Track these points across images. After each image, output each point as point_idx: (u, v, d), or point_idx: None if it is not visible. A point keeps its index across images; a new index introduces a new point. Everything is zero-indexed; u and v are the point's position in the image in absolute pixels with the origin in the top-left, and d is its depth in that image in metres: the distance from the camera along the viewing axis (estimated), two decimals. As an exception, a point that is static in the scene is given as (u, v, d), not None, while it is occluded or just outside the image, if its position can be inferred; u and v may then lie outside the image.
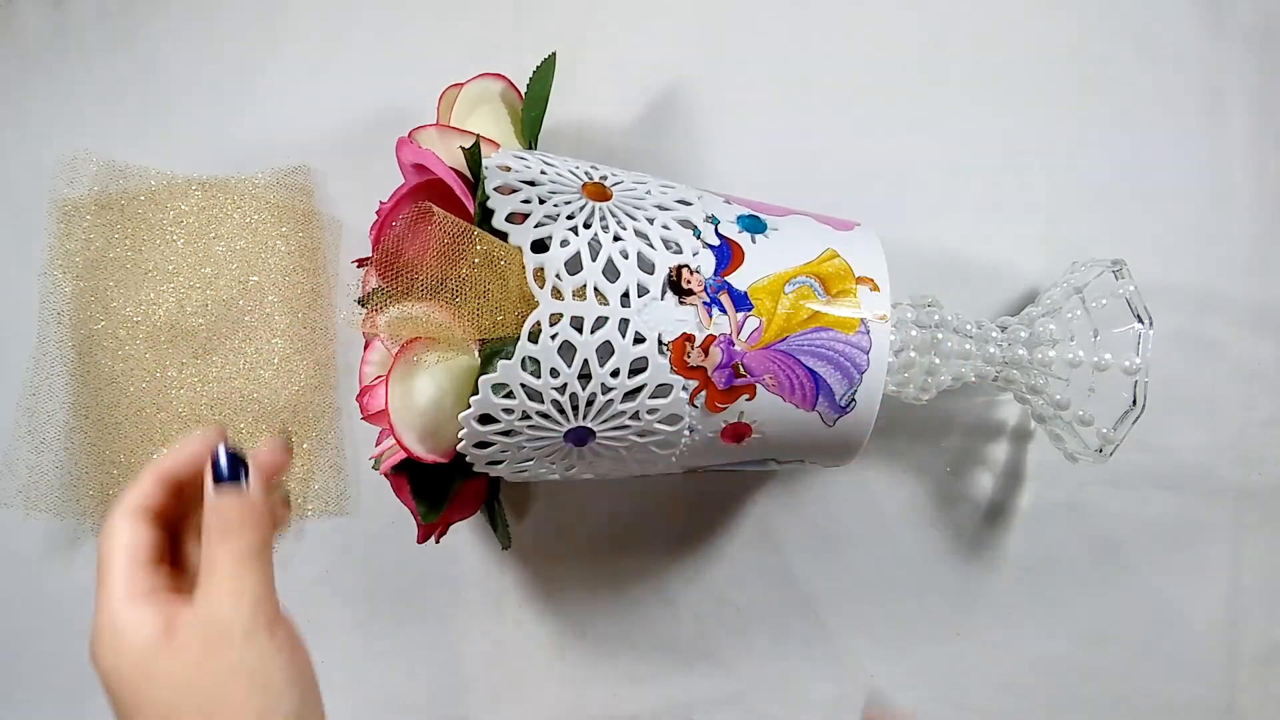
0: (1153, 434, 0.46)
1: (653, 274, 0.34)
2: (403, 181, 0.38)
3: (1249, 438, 0.48)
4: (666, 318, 0.34)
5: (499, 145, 0.39)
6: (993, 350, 0.43)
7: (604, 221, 0.35)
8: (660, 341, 0.34)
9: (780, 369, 0.36)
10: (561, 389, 0.34)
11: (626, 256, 0.34)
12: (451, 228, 0.33)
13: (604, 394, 0.34)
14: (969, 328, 0.43)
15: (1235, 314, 0.48)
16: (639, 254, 0.34)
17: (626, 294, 0.34)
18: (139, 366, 0.50)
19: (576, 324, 0.33)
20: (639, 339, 0.34)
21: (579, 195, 0.36)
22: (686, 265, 0.35)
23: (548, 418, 0.34)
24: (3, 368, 0.50)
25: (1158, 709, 0.49)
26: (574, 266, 0.33)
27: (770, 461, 0.40)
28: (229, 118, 0.50)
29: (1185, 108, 0.48)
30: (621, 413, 0.35)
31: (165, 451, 0.30)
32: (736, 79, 0.49)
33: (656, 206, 0.36)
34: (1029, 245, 0.48)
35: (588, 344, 0.33)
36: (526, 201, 0.35)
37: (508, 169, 0.36)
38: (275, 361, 0.50)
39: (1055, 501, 0.48)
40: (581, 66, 0.49)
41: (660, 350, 0.34)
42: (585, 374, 0.34)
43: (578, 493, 0.50)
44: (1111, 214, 0.48)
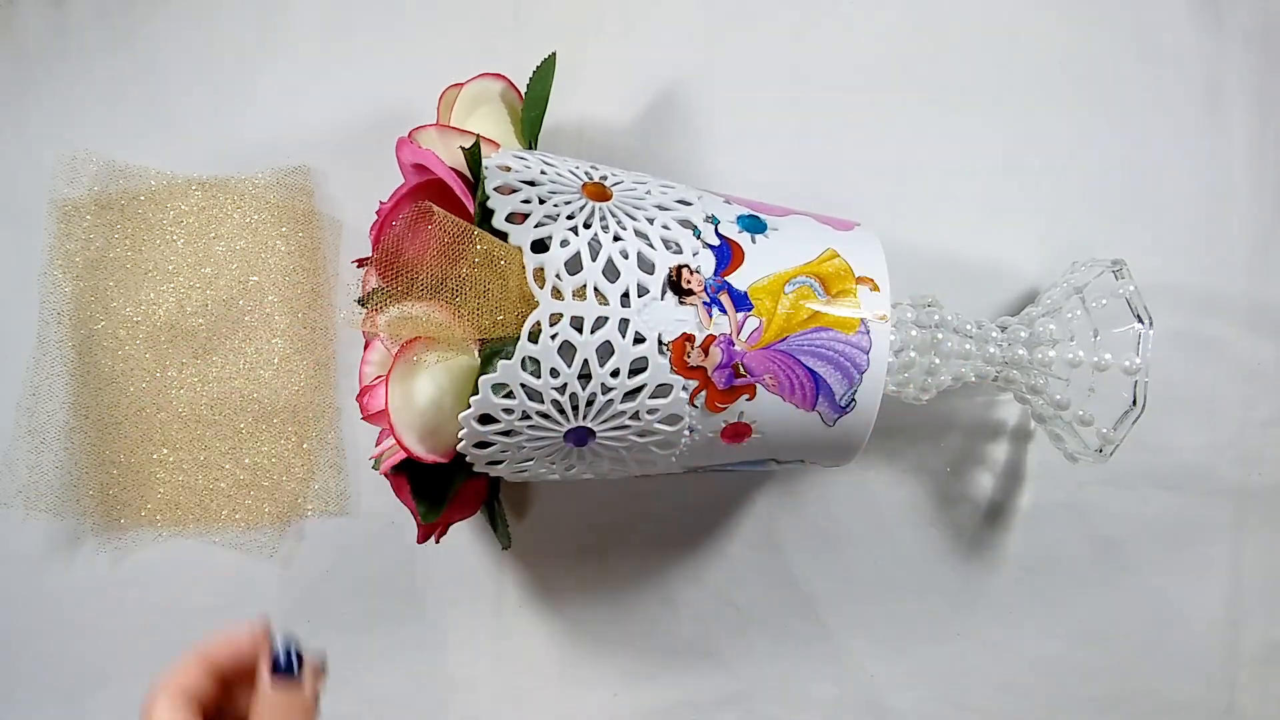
0: (1153, 434, 0.46)
1: (653, 274, 0.34)
2: (403, 181, 0.38)
3: (1249, 438, 0.48)
4: (666, 318, 0.34)
5: (499, 145, 0.39)
6: (993, 350, 0.43)
7: (604, 221, 0.35)
8: (660, 341, 0.34)
9: (780, 369, 0.36)
10: (561, 389, 0.34)
11: (626, 256, 0.34)
12: (451, 227, 0.33)
13: (604, 394, 0.34)
14: (969, 328, 0.43)
15: (1235, 314, 0.48)
16: (639, 254, 0.34)
17: (626, 294, 0.34)
18: (139, 366, 0.50)
19: (576, 324, 0.33)
20: (639, 339, 0.34)
21: (579, 195, 0.36)
22: (686, 265, 0.35)
23: (548, 418, 0.34)
24: (3, 368, 0.50)
25: (1158, 709, 0.49)
26: (574, 266, 0.33)
27: (770, 461, 0.40)
28: (229, 118, 0.50)
29: (1185, 108, 0.48)
30: (621, 413, 0.35)
31: (211, 637, 0.31)
32: (736, 79, 0.49)
33: (656, 206, 0.36)
34: (1029, 245, 0.48)
35: (588, 344, 0.33)
36: (526, 201, 0.35)
37: (508, 169, 0.36)
38: (275, 361, 0.50)
39: (1055, 501, 0.48)
40: (581, 67, 0.49)
41: (660, 350, 0.34)
42: (585, 374, 0.34)
43: (578, 493, 0.50)
44: (1111, 214, 0.48)
